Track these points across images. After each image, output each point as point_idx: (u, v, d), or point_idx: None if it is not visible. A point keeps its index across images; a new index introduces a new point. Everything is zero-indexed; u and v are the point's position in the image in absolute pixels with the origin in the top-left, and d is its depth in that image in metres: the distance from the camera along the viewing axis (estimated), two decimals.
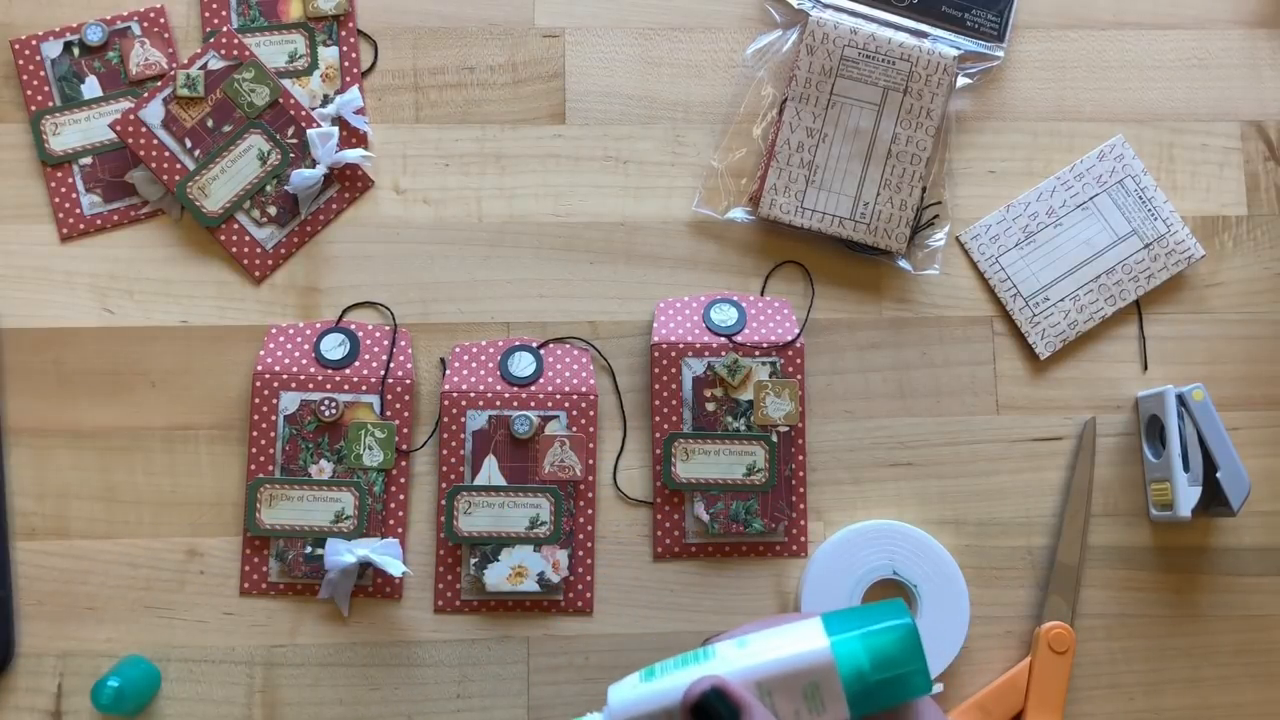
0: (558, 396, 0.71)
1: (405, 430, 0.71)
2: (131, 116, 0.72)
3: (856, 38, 0.73)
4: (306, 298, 0.73)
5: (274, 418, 0.70)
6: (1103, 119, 0.77)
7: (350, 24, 0.75)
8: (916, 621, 0.69)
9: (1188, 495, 0.69)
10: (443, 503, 0.70)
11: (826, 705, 0.50)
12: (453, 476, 0.70)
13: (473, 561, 0.69)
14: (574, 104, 0.75)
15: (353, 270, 0.73)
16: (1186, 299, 0.75)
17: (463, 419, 0.70)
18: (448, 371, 0.71)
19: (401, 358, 0.71)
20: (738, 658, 0.51)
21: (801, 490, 0.71)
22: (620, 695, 0.52)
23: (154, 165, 0.72)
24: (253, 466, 0.70)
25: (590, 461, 0.71)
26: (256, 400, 0.70)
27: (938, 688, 0.69)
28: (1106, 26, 0.78)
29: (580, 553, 0.70)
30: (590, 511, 0.71)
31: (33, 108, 0.73)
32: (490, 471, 0.70)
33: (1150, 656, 0.72)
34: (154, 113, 0.72)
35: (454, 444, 0.70)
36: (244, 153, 0.73)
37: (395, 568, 0.67)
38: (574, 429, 0.71)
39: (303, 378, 0.71)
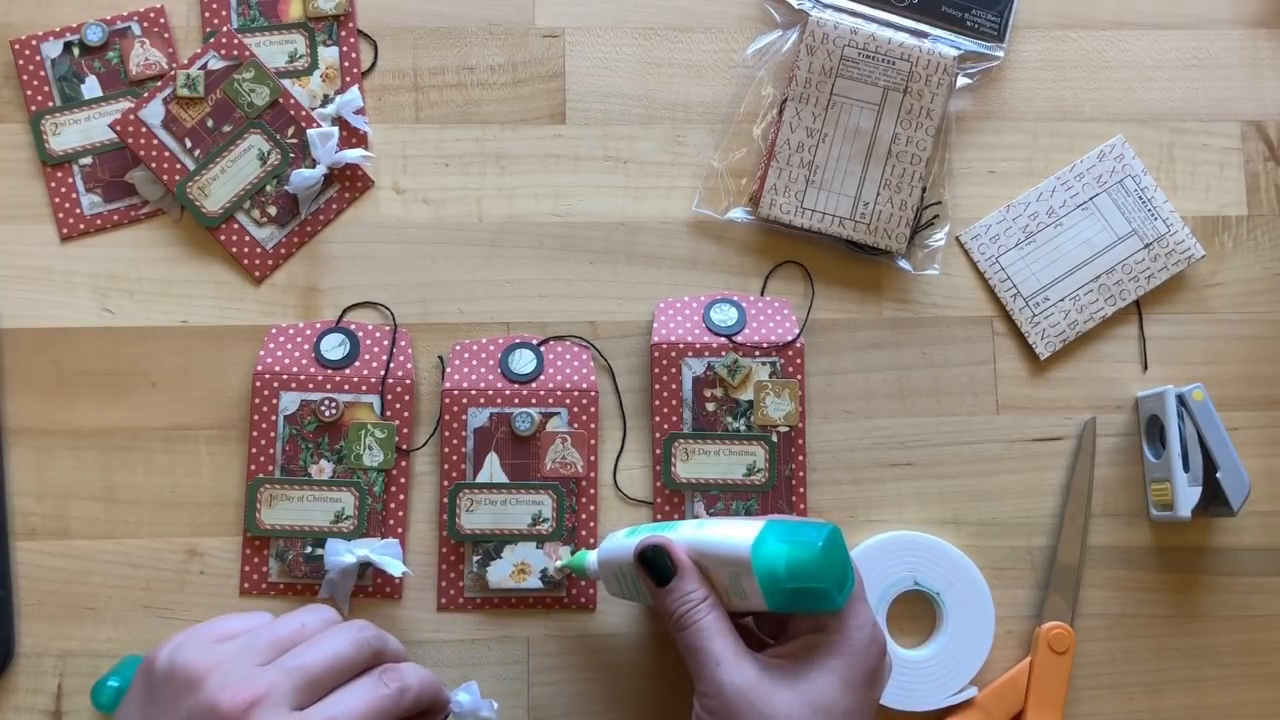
0: (558, 393, 0.71)
1: (405, 430, 0.71)
2: (131, 116, 0.72)
3: (856, 38, 0.73)
4: (306, 298, 0.73)
5: (274, 418, 0.70)
6: (1103, 119, 0.77)
7: (350, 24, 0.75)
8: (944, 629, 0.69)
9: (1188, 495, 0.69)
10: (445, 500, 0.70)
11: (747, 594, 0.56)
12: (454, 474, 0.70)
13: (475, 559, 0.69)
14: (574, 104, 0.75)
15: (353, 270, 0.73)
16: (1186, 299, 0.75)
17: (464, 416, 0.70)
18: (448, 369, 0.71)
19: (401, 358, 0.71)
20: (690, 533, 0.59)
21: (801, 490, 0.71)
22: (608, 542, 0.64)
23: (154, 165, 0.72)
24: (253, 466, 0.70)
25: (592, 458, 0.71)
26: (256, 400, 0.70)
27: (971, 691, 0.69)
28: (1106, 26, 0.78)
29: (583, 549, 0.70)
30: (592, 508, 0.71)
31: (33, 108, 0.73)
32: (492, 469, 0.70)
33: (1150, 656, 0.72)
34: (154, 113, 0.72)
35: (455, 441, 0.70)
36: (244, 153, 0.73)
37: (395, 568, 0.67)
38: (575, 425, 0.71)
39: (303, 378, 0.70)
